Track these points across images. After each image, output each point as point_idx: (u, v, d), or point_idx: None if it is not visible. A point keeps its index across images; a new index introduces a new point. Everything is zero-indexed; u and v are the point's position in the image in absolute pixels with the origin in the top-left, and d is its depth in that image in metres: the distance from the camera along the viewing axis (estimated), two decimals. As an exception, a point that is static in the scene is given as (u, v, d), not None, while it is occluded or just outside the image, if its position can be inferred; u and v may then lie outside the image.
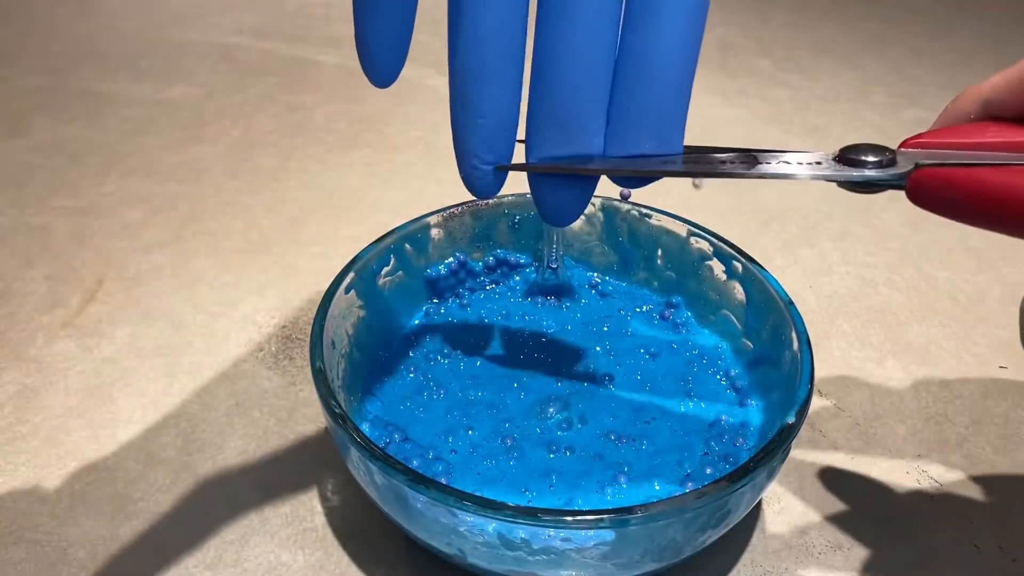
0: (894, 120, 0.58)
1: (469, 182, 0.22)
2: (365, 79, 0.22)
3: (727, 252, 0.31)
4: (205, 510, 0.29)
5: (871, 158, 0.22)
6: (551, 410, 0.29)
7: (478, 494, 0.23)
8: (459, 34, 0.20)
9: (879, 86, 0.63)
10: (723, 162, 0.23)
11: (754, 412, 0.29)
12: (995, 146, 0.22)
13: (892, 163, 0.22)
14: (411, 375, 0.31)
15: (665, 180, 0.26)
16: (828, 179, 0.23)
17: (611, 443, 0.28)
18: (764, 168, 0.23)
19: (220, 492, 0.29)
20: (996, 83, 0.22)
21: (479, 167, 0.21)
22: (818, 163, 0.23)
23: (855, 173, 0.22)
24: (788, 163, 0.23)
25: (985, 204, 0.20)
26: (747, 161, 0.23)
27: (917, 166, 0.22)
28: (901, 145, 0.23)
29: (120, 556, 0.27)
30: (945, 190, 0.21)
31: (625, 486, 0.27)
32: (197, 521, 0.28)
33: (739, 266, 0.31)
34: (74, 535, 0.28)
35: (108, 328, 0.37)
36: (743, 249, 0.31)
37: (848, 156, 0.22)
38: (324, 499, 0.29)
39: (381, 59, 0.21)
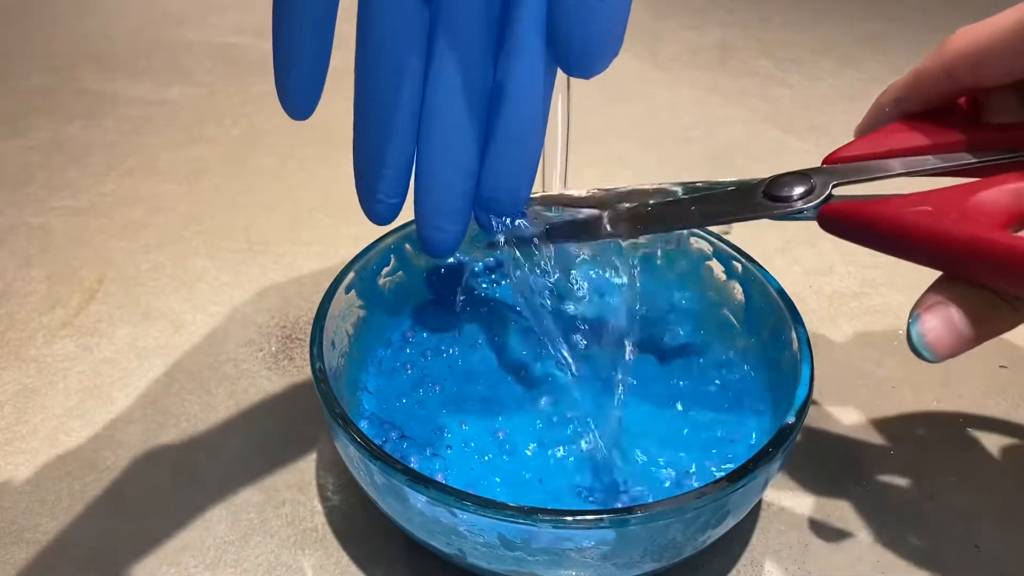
0: (894, 120, 0.58)
1: (374, 215, 0.25)
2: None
3: (727, 252, 0.31)
4: (205, 510, 0.29)
5: (793, 192, 0.24)
6: (551, 410, 0.29)
7: (477, 493, 0.23)
8: (361, 98, 0.23)
9: (879, 86, 0.62)
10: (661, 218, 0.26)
11: (754, 412, 0.29)
12: (903, 152, 0.23)
13: (811, 191, 0.23)
14: (409, 373, 0.31)
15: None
16: (749, 219, 0.24)
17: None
18: (698, 210, 0.25)
19: (220, 492, 0.29)
20: (905, 81, 0.23)
21: (384, 201, 0.24)
22: (746, 199, 0.24)
23: (775, 211, 0.24)
24: (717, 204, 0.25)
25: (878, 239, 0.21)
26: (679, 207, 0.26)
27: (825, 200, 0.23)
28: (824, 161, 0.24)
29: (120, 556, 0.27)
30: (847, 227, 0.22)
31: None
32: (197, 521, 0.28)
33: (739, 266, 0.31)
34: (74, 535, 0.28)
35: (108, 328, 0.37)
36: (743, 249, 0.31)
37: (771, 192, 0.24)
38: (324, 499, 0.29)
39: (296, 95, 0.23)
